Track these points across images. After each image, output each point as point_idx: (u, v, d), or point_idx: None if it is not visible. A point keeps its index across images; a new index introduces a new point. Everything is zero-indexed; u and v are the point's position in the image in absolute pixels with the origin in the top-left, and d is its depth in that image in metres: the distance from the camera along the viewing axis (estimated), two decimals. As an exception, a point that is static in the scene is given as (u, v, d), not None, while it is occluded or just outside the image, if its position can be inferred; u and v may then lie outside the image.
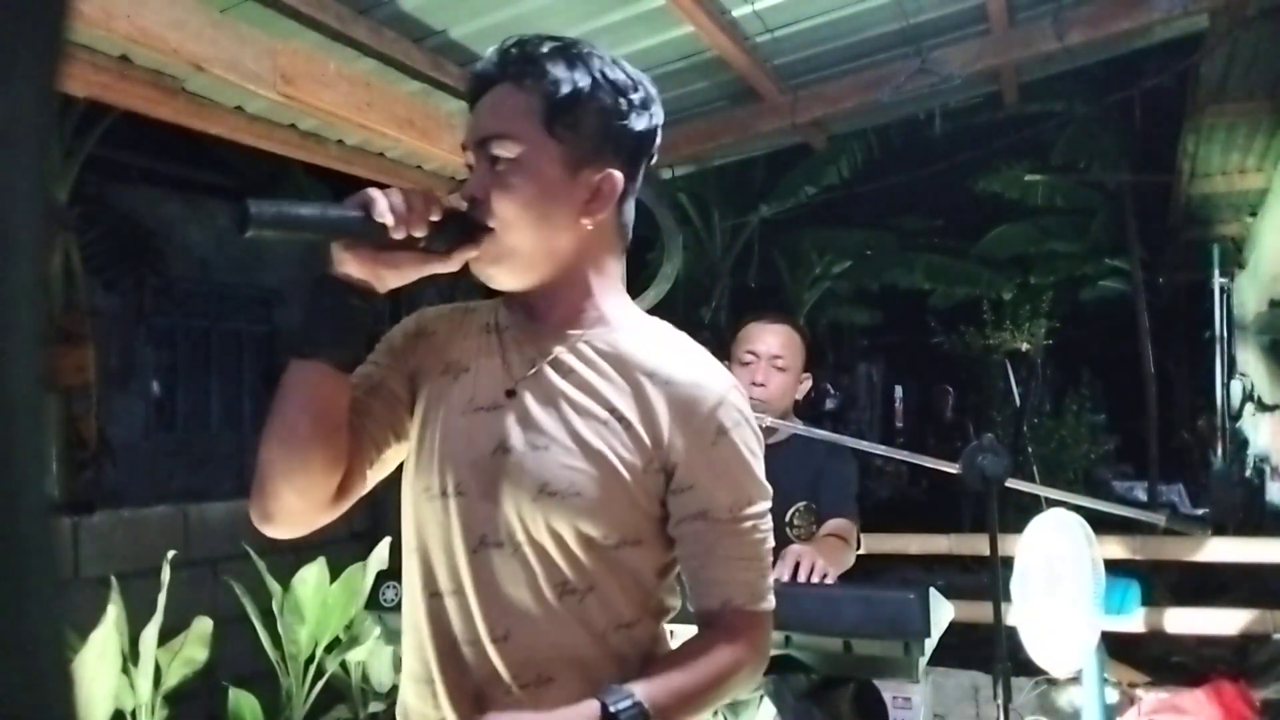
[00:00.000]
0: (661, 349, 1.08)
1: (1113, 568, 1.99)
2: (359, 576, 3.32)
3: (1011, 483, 1.90)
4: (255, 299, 9.58)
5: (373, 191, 0.98)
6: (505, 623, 1.03)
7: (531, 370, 1.07)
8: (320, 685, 3.33)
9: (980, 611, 1.94)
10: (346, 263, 1.00)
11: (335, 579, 3.34)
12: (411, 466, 1.11)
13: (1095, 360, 11.70)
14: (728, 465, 1.05)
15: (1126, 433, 10.79)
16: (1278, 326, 6.82)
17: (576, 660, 1.02)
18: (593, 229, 1.07)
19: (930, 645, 1.65)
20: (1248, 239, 8.16)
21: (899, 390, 18.33)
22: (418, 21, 2.85)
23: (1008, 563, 2.00)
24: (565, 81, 1.03)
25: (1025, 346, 10.69)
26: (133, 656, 2.81)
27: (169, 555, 2.90)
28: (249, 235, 0.91)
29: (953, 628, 1.81)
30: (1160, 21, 3.27)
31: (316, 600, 3.28)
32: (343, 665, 3.37)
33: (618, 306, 1.11)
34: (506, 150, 1.03)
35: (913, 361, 15.67)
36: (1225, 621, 3.56)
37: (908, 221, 11.88)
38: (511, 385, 1.08)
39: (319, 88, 2.60)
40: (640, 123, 1.07)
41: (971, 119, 6.06)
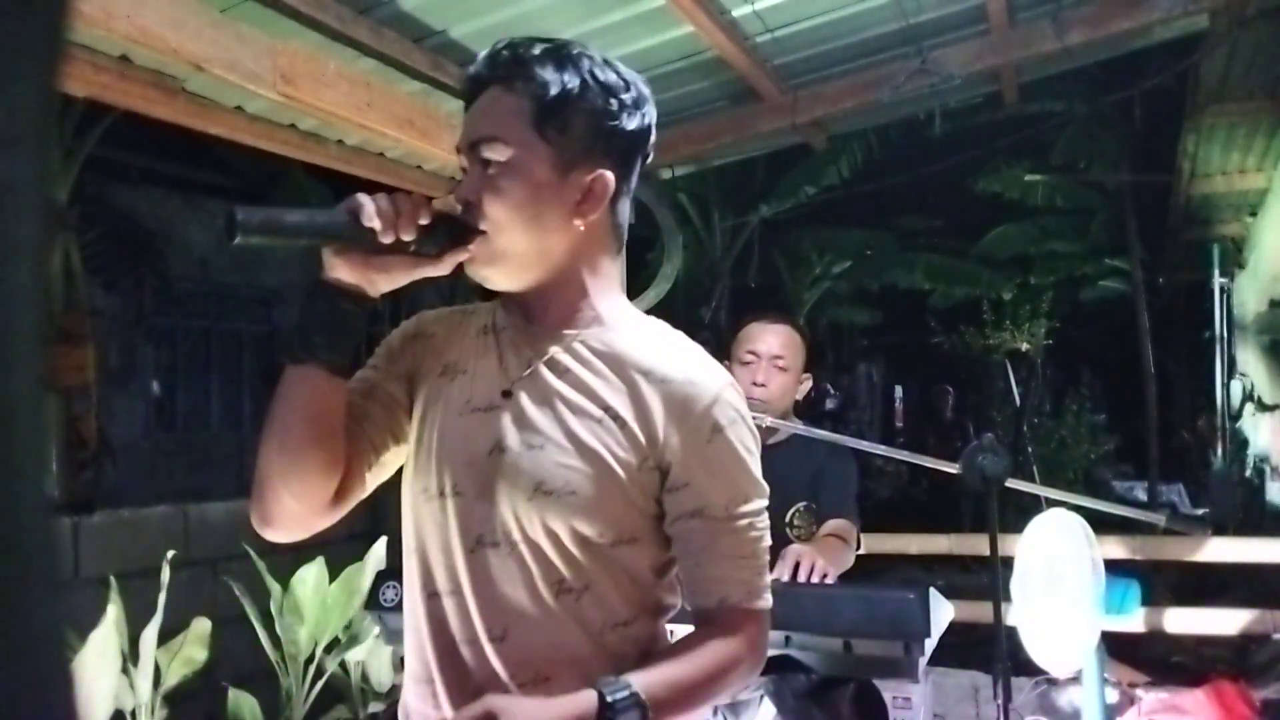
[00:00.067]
0: (657, 347, 1.08)
1: (1113, 568, 1.99)
2: (358, 576, 3.32)
3: (1011, 483, 1.90)
4: (255, 299, 9.58)
5: (361, 197, 0.98)
6: (503, 622, 1.03)
7: (527, 371, 1.08)
8: (320, 685, 3.33)
9: (980, 611, 1.94)
10: (337, 268, 1.01)
11: (335, 579, 3.34)
12: (410, 468, 1.12)
13: (1095, 360, 11.70)
14: (723, 463, 1.05)
15: (1126, 433, 10.78)
16: (1278, 326, 6.81)
17: (574, 659, 1.03)
18: (586, 229, 1.07)
19: (930, 645, 1.65)
20: (1248, 239, 8.15)
21: (899, 390, 18.31)
22: (418, 21, 2.85)
23: (1008, 563, 2.00)
24: (554, 83, 1.03)
25: (1025, 346, 10.67)
26: (132, 656, 2.81)
27: (169, 555, 2.90)
28: (237, 243, 0.91)
29: (953, 628, 1.81)
30: (1160, 21, 3.27)
31: (316, 600, 3.28)
32: (342, 665, 3.38)
33: (614, 306, 1.12)
34: (497, 153, 1.03)
35: (913, 361, 15.65)
36: (1225, 621, 3.56)
37: (908, 221, 11.88)
38: (508, 386, 1.08)
39: (319, 88, 2.60)
40: (632, 123, 1.07)
41: (971, 119, 6.06)
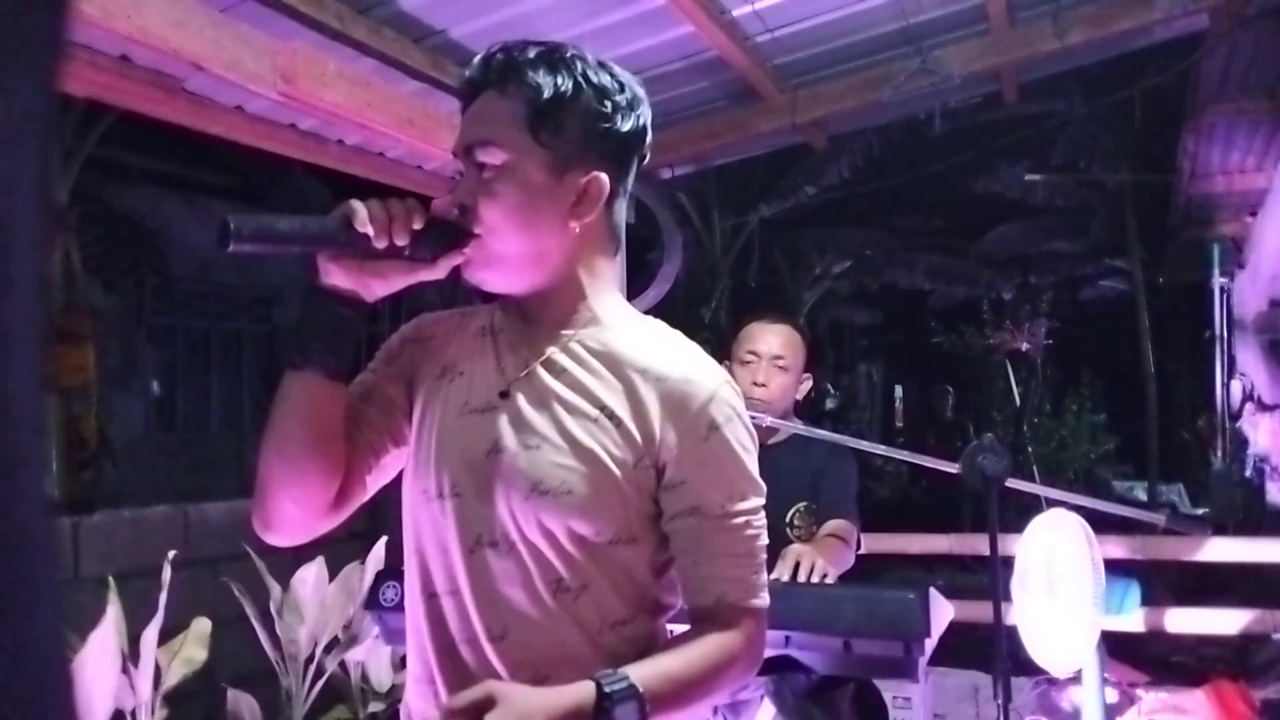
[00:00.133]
0: (654, 347, 1.09)
1: (1113, 568, 1.98)
2: (357, 576, 3.32)
3: (1011, 483, 1.90)
4: (255, 299, 9.58)
5: (354, 202, 0.98)
6: (502, 622, 1.04)
7: (524, 371, 1.08)
8: (320, 685, 3.33)
9: (980, 611, 1.93)
10: (333, 273, 1.01)
11: (334, 579, 3.34)
12: (411, 469, 1.12)
13: (1095, 360, 11.69)
14: (719, 461, 1.05)
15: (1126, 433, 10.79)
16: (1278, 326, 6.81)
17: (573, 658, 1.03)
18: (582, 231, 1.07)
19: (930, 645, 1.65)
20: (1248, 239, 8.15)
21: (899, 390, 18.31)
22: (417, 21, 2.85)
23: (1008, 563, 2.00)
24: (547, 86, 1.03)
25: (1025, 346, 10.68)
26: (132, 656, 2.80)
27: (169, 555, 2.90)
28: (230, 251, 0.91)
29: (953, 628, 1.81)
30: (1160, 21, 3.27)
31: (315, 600, 3.28)
32: (342, 665, 3.37)
33: (611, 306, 1.12)
34: (492, 157, 1.04)
35: (913, 361, 15.66)
36: (1225, 621, 3.56)
37: (908, 221, 11.90)
38: (505, 386, 1.08)
39: (319, 88, 2.60)
40: (626, 124, 1.08)
41: (971, 119, 6.06)
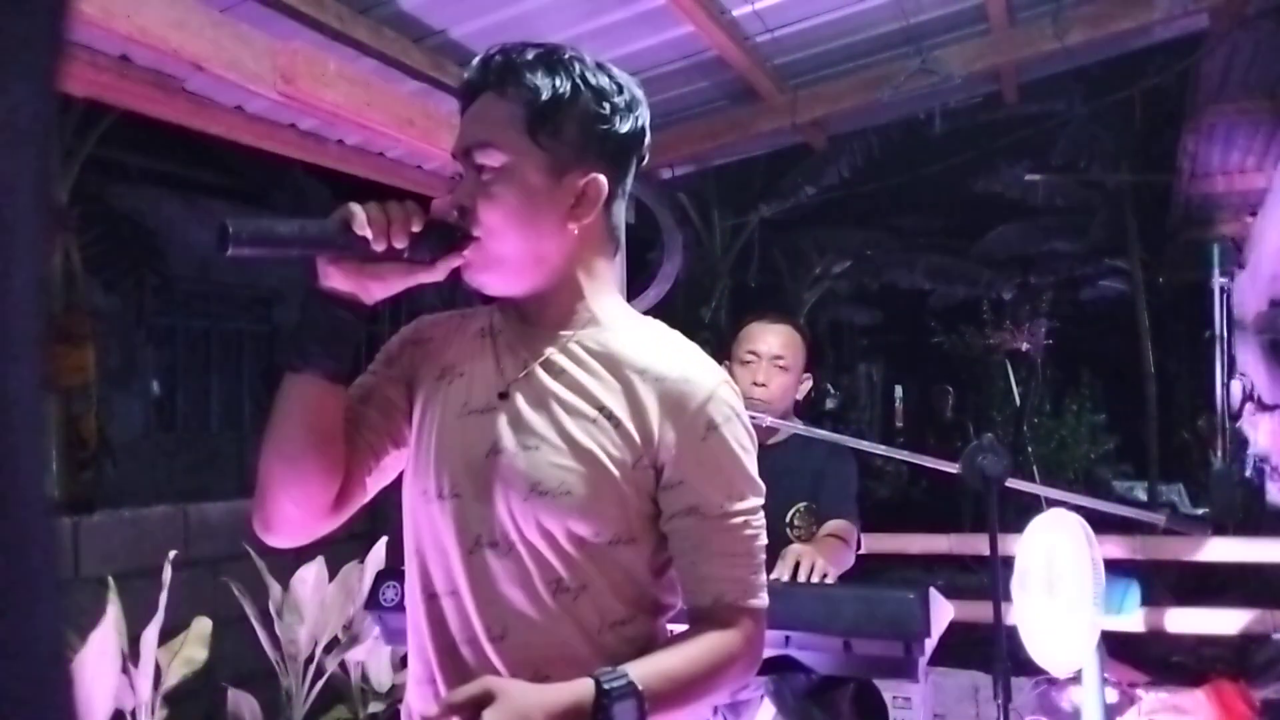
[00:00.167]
0: (653, 347, 1.09)
1: (1113, 568, 1.98)
2: (357, 576, 3.32)
3: (1011, 483, 1.90)
4: (255, 299, 9.57)
5: (352, 205, 0.98)
6: (502, 622, 1.04)
7: (523, 372, 1.08)
8: (320, 685, 3.33)
9: (980, 611, 1.93)
10: (332, 276, 1.01)
11: (334, 579, 3.34)
12: (411, 471, 1.12)
13: (1095, 360, 11.69)
14: (718, 461, 1.05)
15: (1126, 433, 10.79)
16: (1278, 326, 6.81)
17: (573, 658, 1.03)
18: (580, 233, 1.07)
19: (930, 645, 1.65)
20: (1248, 239, 8.15)
21: (899, 390, 18.31)
22: (417, 21, 2.85)
23: (1008, 563, 2.00)
24: (546, 88, 1.03)
25: (1025, 346, 10.68)
26: (133, 656, 2.80)
27: (169, 555, 2.90)
28: (229, 254, 0.91)
29: (953, 628, 1.81)
30: (1160, 21, 3.27)
31: (315, 600, 3.28)
32: (342, 665, 3.37)
33: (610, 307, 1.12)
34: (491, 159, 1.04)
35: (913, 361, 15.66)
36: (1225, 621, 3.55)
37: (908, 221, 11.91)
38: (504, 387, 1.08)
39: (319, 88, 2.60)
40: (625, 125, 1.08)
41: (971, 119, 6.06)
